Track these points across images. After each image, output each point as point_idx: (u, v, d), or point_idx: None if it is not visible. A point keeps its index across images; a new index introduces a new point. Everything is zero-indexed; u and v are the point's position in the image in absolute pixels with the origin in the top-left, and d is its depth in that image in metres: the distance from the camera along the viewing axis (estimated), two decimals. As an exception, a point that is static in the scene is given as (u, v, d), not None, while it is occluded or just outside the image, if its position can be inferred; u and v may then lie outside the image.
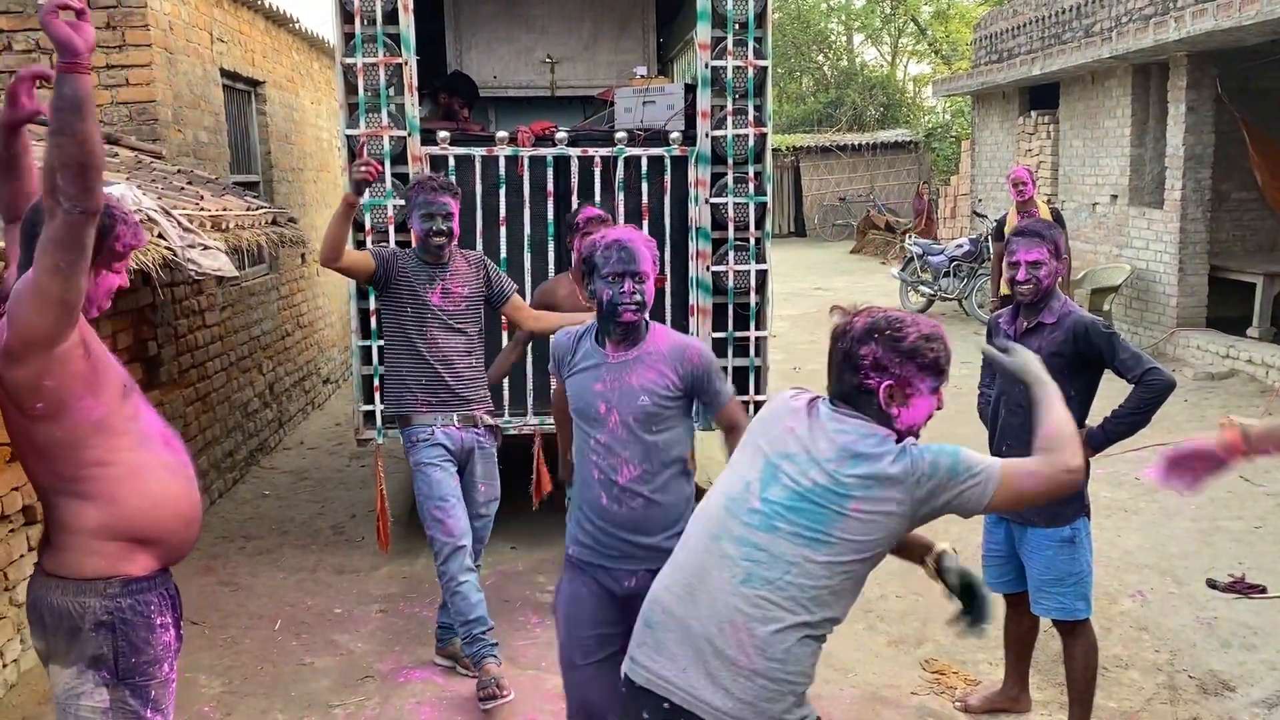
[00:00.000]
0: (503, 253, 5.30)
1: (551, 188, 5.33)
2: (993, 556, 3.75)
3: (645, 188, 5.34)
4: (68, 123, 2.05)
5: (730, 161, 5.30)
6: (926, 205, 19.87)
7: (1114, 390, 3.52)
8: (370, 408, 5.29)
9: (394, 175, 5.16)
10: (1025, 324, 3.57)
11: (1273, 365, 8.60)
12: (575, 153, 5.33)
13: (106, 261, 2.38)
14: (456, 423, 4.15)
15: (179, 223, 4.30)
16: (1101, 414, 3.52)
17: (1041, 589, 3.53)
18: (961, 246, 13.18)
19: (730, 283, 5.37)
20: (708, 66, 5.21)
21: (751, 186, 5.34)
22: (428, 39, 6.19)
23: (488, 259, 4.38)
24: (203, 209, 4.90)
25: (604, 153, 5.34)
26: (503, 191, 5.32)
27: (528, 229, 5.35)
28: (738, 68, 5.22)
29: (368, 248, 4.67)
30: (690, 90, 5.52)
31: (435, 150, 5.22)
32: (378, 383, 5.18)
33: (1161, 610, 4.72)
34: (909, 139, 25.82)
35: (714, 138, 5.27)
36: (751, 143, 5.29)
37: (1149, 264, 10.55)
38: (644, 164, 5.34)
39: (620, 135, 5.36)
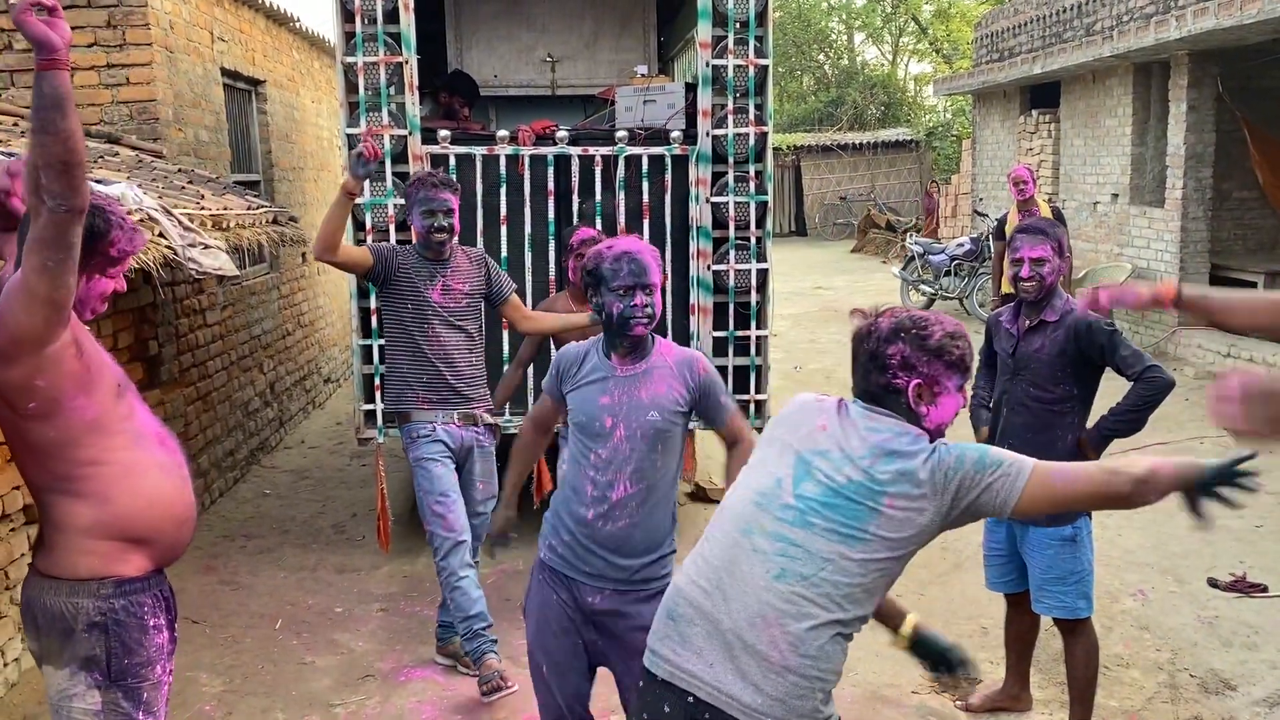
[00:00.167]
0: (503, 251, 5.29)
1: (552, 187, 5.32)
2: (994, 555, 3.75)
3: (646, 186, 5.34)
4: (50, 120, 2.03)
5: (731, 160, 5.29)
6: (936, 204, 19.84)
7: (1115, 389, 3.51)
8: (371, 407, 5.29)
9: (395, 174, 5.16)
10: (1027, 322, 3.57)
11: (1273, 364, 8.59)
12: (576, 152, 5.32)
13: (100, 266, 2.36)
14: (457, 420, 4.16)
15: (180, 222, 4.30)
16: (1102, 412, 3.52)
17: (1043, 588, 3.53)
18: (962, 246, 13.18)
19: (731, 281, 5.36)
20: (708, 65, 5.21)
21: (752, 185, 5.33)
22: (428, 38, 6.18)
23: (489, 257, 4.39)
24: (203, 208, 4.90)
25: (605, 152, 5.33)
26: (503, 190, 5.31)
27: (528, 228, 5.34)
28: (738, 66, 5.21)
29: (367, 244, 4.67)
30: (691, 89, 5.51)
31: (436, 149, 5.22)
32: (378, 381, 5.18)
33: (1163, 609, 4.72)
34: (910, 138, 25.82)
35: (715, 136, 5.27)
36: (752, 141, 5.29)
37: (1150, 263, 10.54)
38: (645, 163, 5.33)
39: (621, 134, 5.36)
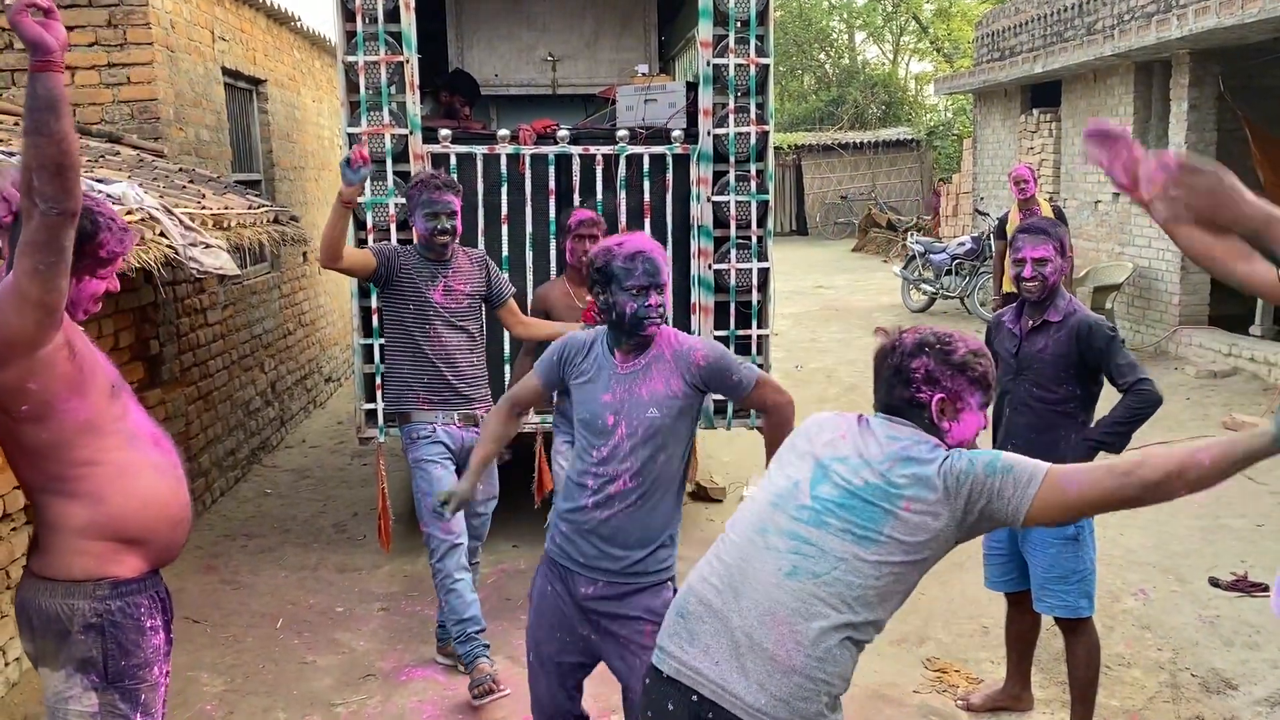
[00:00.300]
0: (504, 251, 5.29)
1: (553, 186, 5.32)
2: (995, 555, 3.75)
3: (647, 186, 5.34)
4: (43, 122, 2.01)
5: (732, 159, 5.29)
6: (941, 204, 19.80)
7: (1113, 389, 3.51)
8: (372, 406, 5.29)
9: (395, 173, 5.15)
10: (1030, 322, 3.56)
11: (1274, 363, 8.59)
12: (577, 151, 5.32)
13: (90, 268, 2.34)
14: (457, 421, 4.15)
15: (181, 221, 4.30)
16: (1104, 411, 3.52)
17: (1045, 587, 3.52)
18: (963, 245, 13.17)
19: (732, 281, 5.36)
20: (709, 64, 5.20)
21: (753, 184, 5.33)
22: (429, 37, 6.18)
23: (489, 259, 4.39)
24: (204, 207, 4.90)
25: (606, 151, 5.33)
26: (504, 190, 5.31)
27: (529, 227, 5.34)
28: (739, 65, 5.21)
29: (369, 246, 4.66)
30: (692, 88, 5.51)
31: (437, 148, 5.22)
32: (379, 381, 5.18)
33: (1164, 608, 4.72)
34: (911, 137, 25.81)
35: (716, 136, 5.26)
36: (753, 141, 5.28)
37: (1151, 262, 10.54)
38: (646, 162, 5.33)
39: (622, 133, 5.35)
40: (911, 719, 3.86)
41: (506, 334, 5.23)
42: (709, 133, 5.26)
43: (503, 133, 5.35)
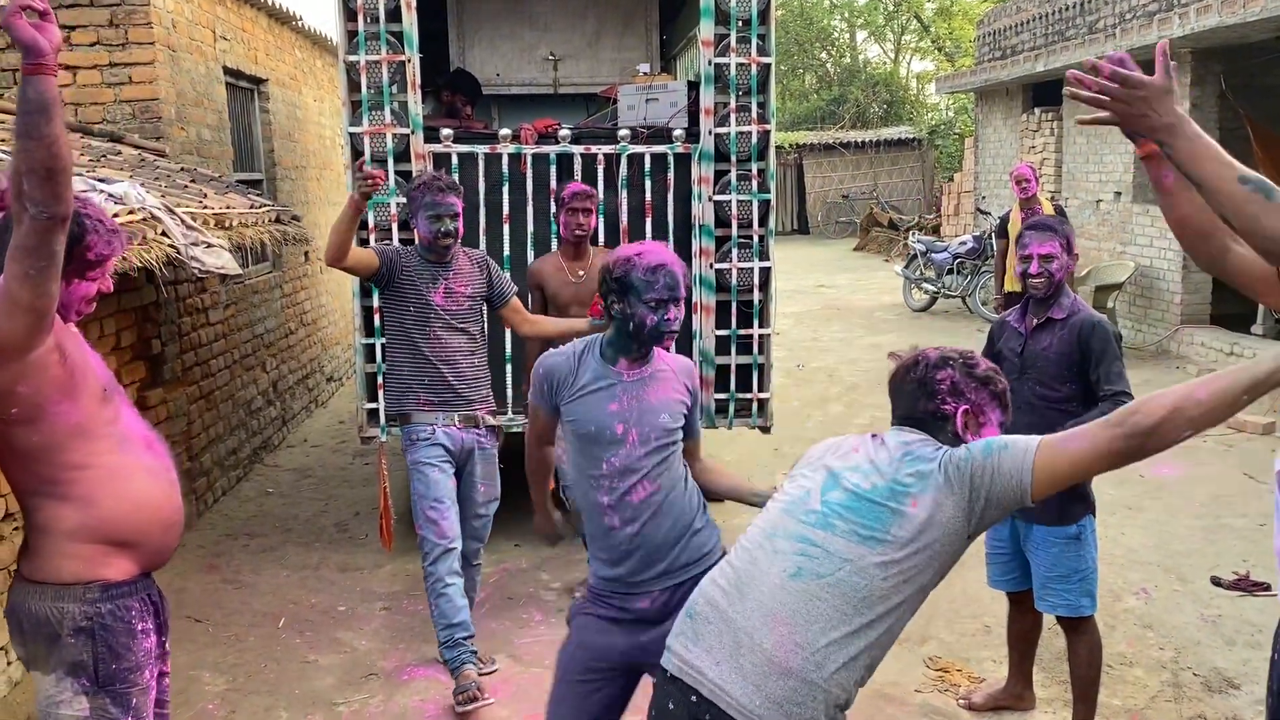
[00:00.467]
0: (506, 250, 5.29)
1: (555, 185, 5.32)
2: (997, 554, 3.74)
3: (648, 185, 5.34)
4: (34, 125, 1.98)
5: (733, 159, 5.29)
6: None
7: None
8: (374, 405, 5.30)
9: (397, 173, 5.16)
10: (1035, 320, 3.56)
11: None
12: (578, 150, 5.32)
13: (78, 270, 2.31)
14: (458, 422, 4.14)
15: (182, 221, 4.31)
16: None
17: (1047, 586, 3.52)
18: (965, 244, 13.16)
19: (733, 280, 5.36)
20: (711, 63, 5.20)
21: (755, 184, 5.33)
22: (430, 36, 6.18)
23: (490, 259, 4.38)
24: (206, 207, 4.91)
25: (607, 150, 5.33)
26: (506, 189, 5.31)
27: (531, 226, 5.34)
28: (741, 65, 5.21)
29: (371, 246, 4.67)
30: (693, 87, 5.51)
31: (438, 148, 5.22)
32: (381, 380, 5.18)
33: (1166, 608, 4.72)
34: (912, 136, 25.80)
35: (717, 135, 5.26)
36: (755, 140, 5.28)
37: (1153, 261, 10.53)
38: (647, 161, 5.33)
39: (623, 133, 5.36)
40: (913, 718, 3.86)
41: (508, 334, 5.24)
42: (710, 132, 5.26)
43: (504, 132, 5.35)
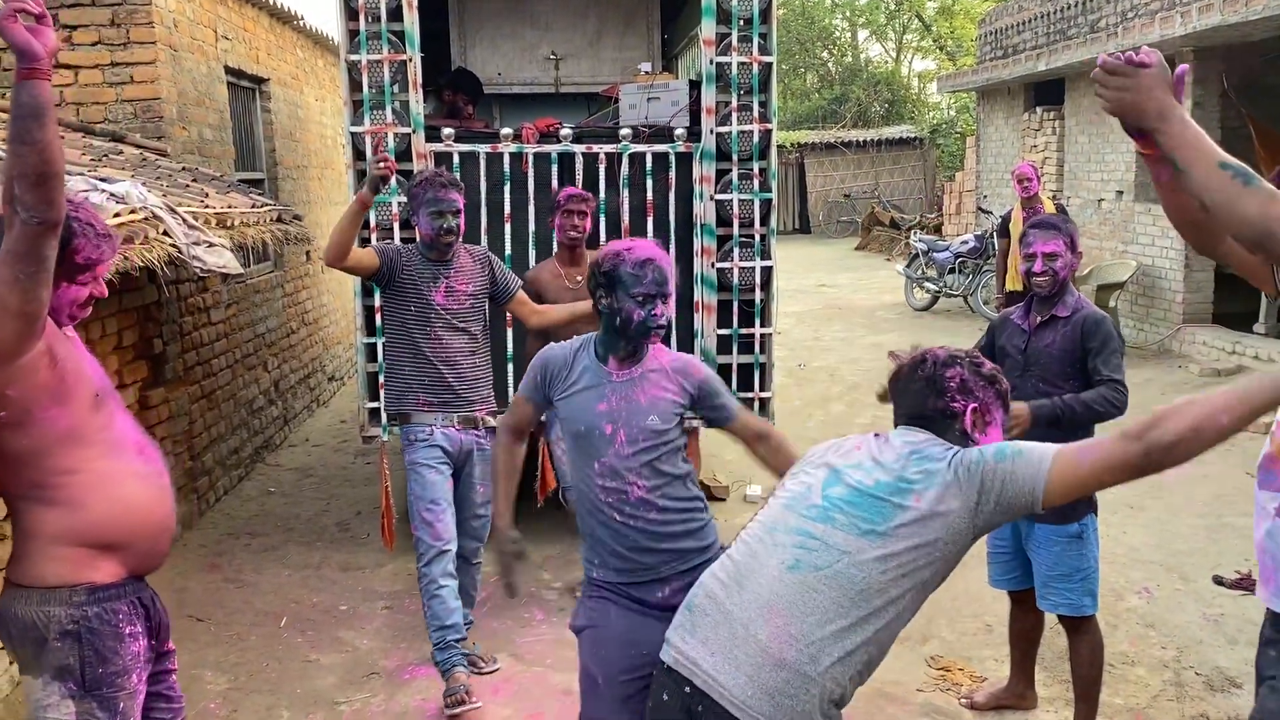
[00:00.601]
0: (508, 250, 5.29)
1: (556, 184, 5.31)
2: (999, 553, 3.74)
3: (650, 184, 5.34)
4: (27, 130, 1.97)
5: (735, 158, 5.29)
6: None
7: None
8: (375, 405, 5.29)
9: (399, 172, 5.15)
10: (1038, 318, 3.56)
11: (1279, 360, 8.57)
12: (580, 149, 5.32)
13: (67, 274, 2.28)
14: (457, 423, 4.11)
15: (184, 220, 4.31)
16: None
17: (1048, 585, 3.52)
18: (967, 243, 13.16)
19: (735, 279, 5.36)
20: (712, 63, 5.20)
21: (756, 183, 5.33)
22: (432, 36, 6.18)
23: (492, 255, 4.35)
24: (208, 206, 4.91)
25: (608, 149, 5.33)
26: (507, 188, 5.31)
27: (532, 226, 5.34)
28: (742, 64, 5.21)
29: (372, 245, 4.66)
30: (695, 86, 5.51)
31: (440, 147, 5.22)
32: (382, 379, 5.18)
33: (1168, 607, 4.71)
34: (914, 135, 25.79)
35: (719, 134, 5.26)
36: (756, 139, 5.28)
37: (1155, 260, 10.52)
38: (648, 160, 5.33)
39: (625, 132, 5.35)
40: (915, 718, 3.86)
41: (509, 333, 5.24)
42: (712, 131, 5.26)
43: (506, 131, 5.36)
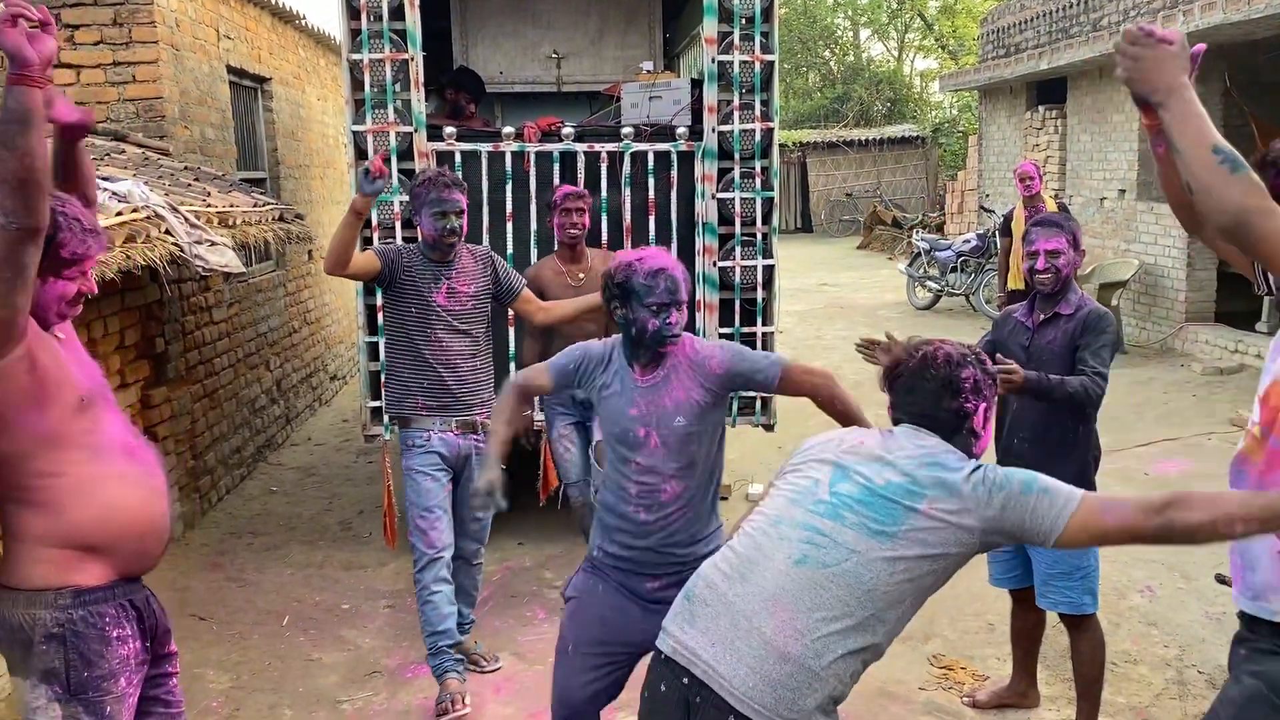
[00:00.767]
0: (509, 249, 5.29)
1: (558, 183, 5.31)
2: (999, 551, 3.74)
3: (652, 183, 5.33)
4: (10, 135, 1.96)
5: (737, 157, 5.29)
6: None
7: (1122, 386, 3.50)
8: (378, 404, 5.29)
9: (400, 171, 5.15)
10: (1042, 316, 3.55)
11: None
12: (582, 148, 5.32)
13: (53, 268, 2.25)
14: (455, 428, 4.04)
15: (186, 219, 4.32)
16: (1110, 407, 3.50)
17: (1048, 583, 3.52)
18: (969, 242, 13.15)
19: (737, 278, 5.36)
20: (714, 61, 5.20)
21: (758, 182, 5.32)
22: (434, 35, 6.18)
23: (494, 254, 4.30)
24: (209, 205, 4.92)
25: (610, 148, 5.33)
26: (509, 187, 5.31)
27: (534, 225, 5.34)
28: (744, 62, 5.20)
29: (373, 247, 4.65)
30: (697, 85, 5.50)
31: (441, 146, 5.22)
32: (384, 379, 5.18)
33: (1170, 605, 4.71)
34: (916, 134, 25.78)
35: (721, 133, 5.26)
36: (758, 138, 5.28)
37: (1157, 259, 10.51)
38: (650, 159, 5.33)
39: (627, 130, 5.35)
40: (917, 716, 3.86)
41: (511, 332, 5.24)
42: (714, 130, 5.26)
43: (507, 130, 5.35)
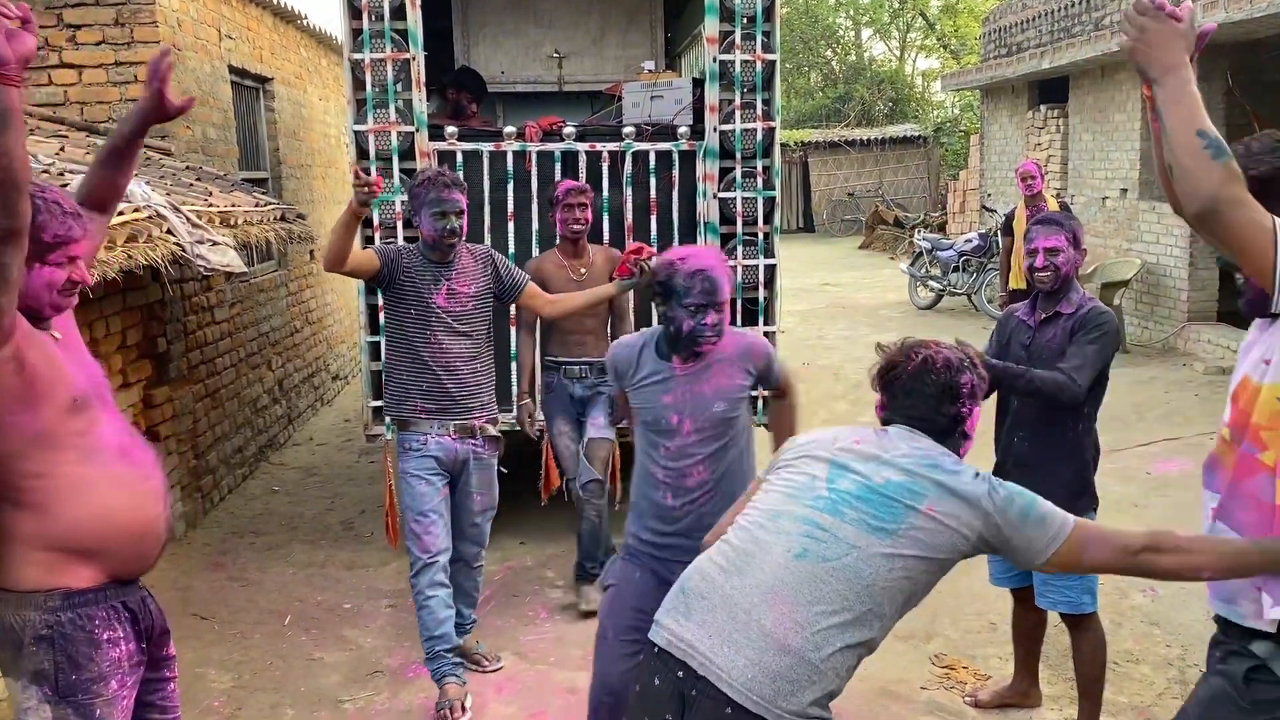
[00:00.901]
0: (511, 248, 5.29)
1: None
2: (1001, 551, 3.73)
3: (653, 182, 5.34)
4: None
5: (738, 156, 5.29)
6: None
7: (1122, 386, 3.49)
8: (379, 403, 5.28)
9: (402, 171, 5.15)
10: (1043, 314, 3.55)
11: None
12: (583, 147, 5.32)
13: (37, 253, 2.22)
14: (452, 432, 3.97)
15: (188, 219, 4.32)
16: (1112, 407, 3.50)
17: (1047, 582, 3.51)
18: (970, 241, 13.14)
19: (739, 277, 5.35)
20: (716, 60, 5.20)
21: (760, 181, 5.33)
22: (435, 34, 6.19)
23: (495, 252, 4.23)
24: (211, 205, 4.92)
25: (612, 147, 5.33)
26: (510, 187, 5.31)
27: (535, 224, 5.34)
28: (746, 62, 5.20)
29: (373, 246, 4.65)
30: (698, 84, 5.51)
31: (443, 145, 5.22)
32: (384, 380, 5.17)
33: (1172, 605, 4.70)
34: (918, 134, 25.75)
35: (722, 132, 5.26)
36: (760, 137, 5.28)
37: (1159, 258, 10.50)
38: (652, 159, 5.33)
39: (628, 130, 5.36)
40: (919, 715, 3.86)
41: (512, 332, 5.23)
42: (715, 129, 5.26)
43: (509, 129, 5.36)
